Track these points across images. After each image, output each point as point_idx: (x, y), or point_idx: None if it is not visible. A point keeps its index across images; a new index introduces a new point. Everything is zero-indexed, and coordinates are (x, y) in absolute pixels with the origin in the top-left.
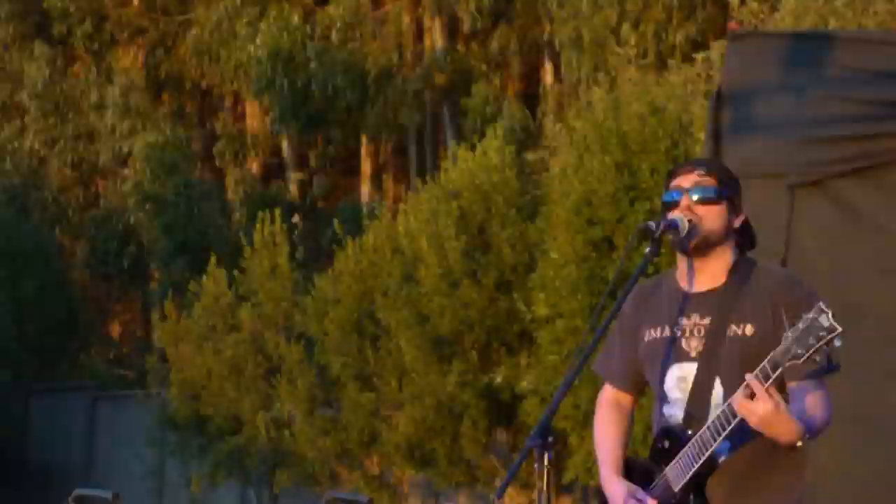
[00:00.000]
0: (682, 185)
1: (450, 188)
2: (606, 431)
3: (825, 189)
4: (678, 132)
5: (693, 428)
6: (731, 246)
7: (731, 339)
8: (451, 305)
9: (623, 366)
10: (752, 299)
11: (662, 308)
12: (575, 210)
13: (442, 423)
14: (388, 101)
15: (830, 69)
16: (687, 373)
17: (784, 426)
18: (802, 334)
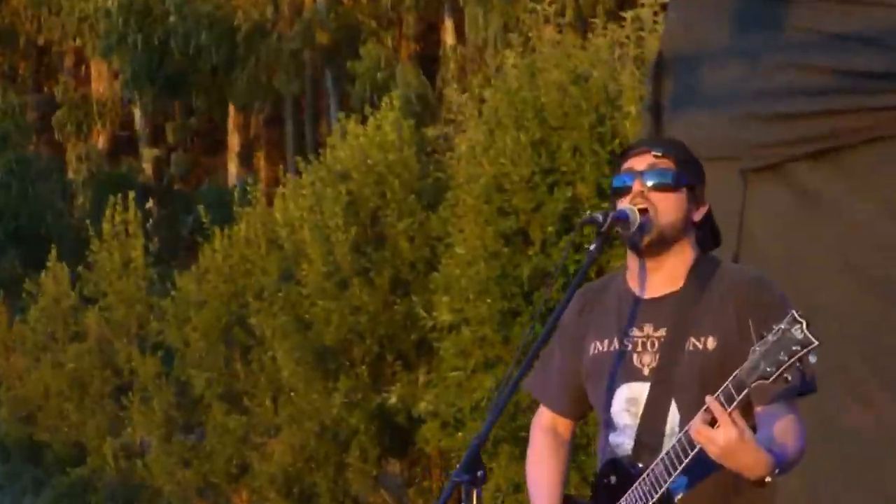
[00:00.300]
0: (635, 167)
1: (337, 169)
2: (541, 465)
3: (782, 174)
4: (604, 105)
5: (644, 460)
6: (690, 242)
7: (689, 354)
8: (338, 310)
9: (562, 385)
10: (714, 307)
11: (610, 316)
12: (484, 197)
13: (325, 451)
14: (260, 63)
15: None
16: (638, 394)
17: (750, 457)
18: (772, 348)
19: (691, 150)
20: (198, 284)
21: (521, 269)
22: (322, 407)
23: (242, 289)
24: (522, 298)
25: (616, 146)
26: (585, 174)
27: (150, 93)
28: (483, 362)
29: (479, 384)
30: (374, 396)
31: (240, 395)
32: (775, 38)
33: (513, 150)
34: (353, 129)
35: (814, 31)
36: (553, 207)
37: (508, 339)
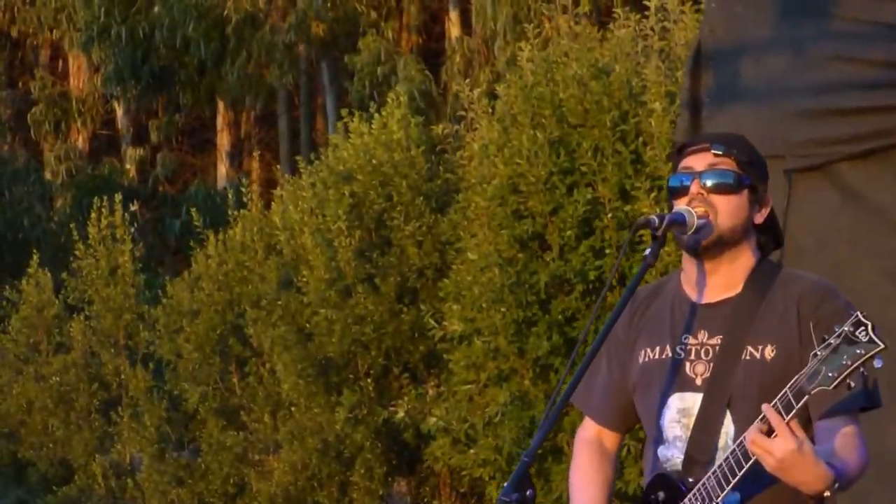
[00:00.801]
0: (693, 166)
1: (340, 169)
2: (585, 481)
3: (829, 174)
4: (627, 101)
5: (695, 475)
6: (750, 246)
7: (746, 364)
8: (341, 320)
9: (608, 396)
10: (774, 314)
11: (663, 322)
12: (498, 199)
13: (328, 469)
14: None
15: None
16: (690, 405)
17: (809, 471)
18: (834, 353)
19: (753, 146)
20: (190, 292)
21: (537, 276)
22: (325, 422)
23: (238, 297)
24: (539, 307)
25: (639, 145)
26: (607, 175)
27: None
28: (496, 375)
29: (492, 398)
30: (380, 411)
31: (236, 410)
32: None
33: (529, 150)
34: (357, 127)
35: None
36: (572, 210)
37: (523, 350)
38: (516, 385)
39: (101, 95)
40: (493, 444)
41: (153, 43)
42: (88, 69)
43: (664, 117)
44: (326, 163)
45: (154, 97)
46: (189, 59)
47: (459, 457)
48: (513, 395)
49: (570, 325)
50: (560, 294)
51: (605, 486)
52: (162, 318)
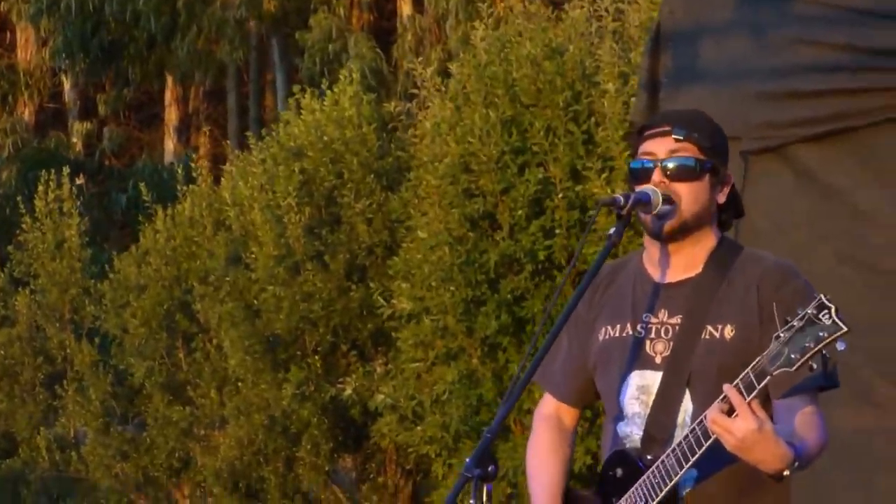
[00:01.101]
0: (655, 153)
1: (291, 146)
2: (543, 457)
3: (785, 156)
4: (580, 81)
5: (654, 452)
6: (712, 226)
7: (705, 343)
8: (290, 296)
9: (568, 372)
10: (734, 294)
11: (624, 300)
12: (449, 177)
13: (274, 445)
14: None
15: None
16: (650, 382)
17: (769, 450)
18: (797, 335)
19: (714, 123)
20: (137, 267)
21: (487, 256)
22: (271, 399)
23: (186, 272)
24: (488, 286)
25: (592, 126)
26: (559, 155)
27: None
28: (444, 353)
29: (439, 377)
30: (327, 388)
31: (183, 386)
32: (784, 12)
33: (481, 129)
34: (309, 103)
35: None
36: (523, 190)
37: (472, 329)
38: (464, 363)
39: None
40: (441, 421)
41: (103, 16)
42: (36, 42)
43: (617, 98)
44: (277, 139)
45: (102, 71)
46: (139, 33)
47: (406, 434)
48: (461, 373)
49: (518, 305)
50: (509, 273)
51: (564, 462)
52: (108, 292)
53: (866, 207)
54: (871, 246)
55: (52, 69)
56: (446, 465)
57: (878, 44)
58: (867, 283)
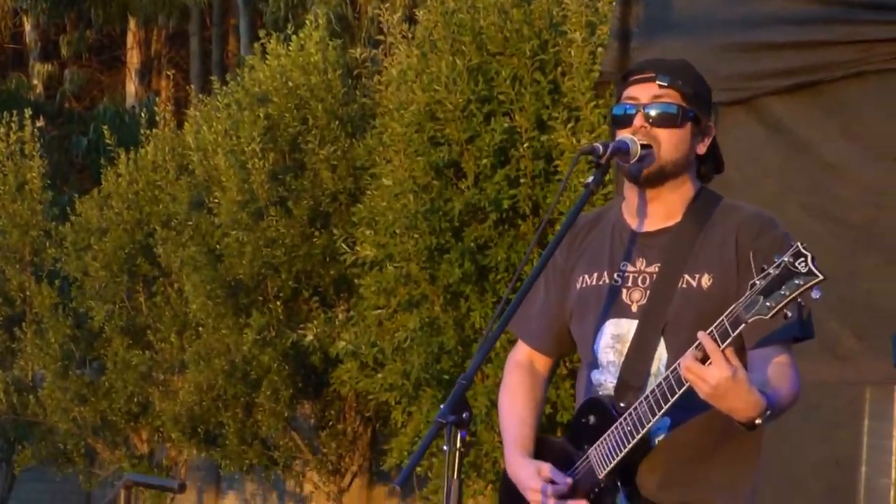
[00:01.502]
0: (638, 97)
1: (256, 91)
2: (515, 402)
3: (756, 108)
4: (547, 30)
5: (627, 400)
6: (691, 176)
7: (682, 292)
8: (253, 242)
9: (543, 320)
10: (712, 243)
11: (602, 249)
12: (415, 125)
13: (234, 390)
14: None
15: None
16: (625, 331)
17: (742, 399)
18: (773, 282)
19: (699, 74)
20: (99, 210)
21: (452, 204)
22: (232, 344)
23: (148, 216)
24: (452, 235)
25: (558, 75)
26: (525, 104)
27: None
28: (407, 301)
29: (401, 324)
30: (288, 334)
31: (143, 330)
32: None
33: (447, 77)
34: (274, 48)
35: None
36: (489, 139)
37: (435, 277)
38: (427, 311)
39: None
40: (402, 369)
41: None
42: None
43: (584, 48)
44: (242, 84)
45: (65, 12)
46: None
47: (367, 381)
48: (423, 321)
49: (482, 254)
50: (473, 222)
51: (535, 407)
52: (70, 235)
53: (835, 160)
54: (838, 199)
55: (14, 10)
56: (406, 412)
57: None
58: (834, 235)
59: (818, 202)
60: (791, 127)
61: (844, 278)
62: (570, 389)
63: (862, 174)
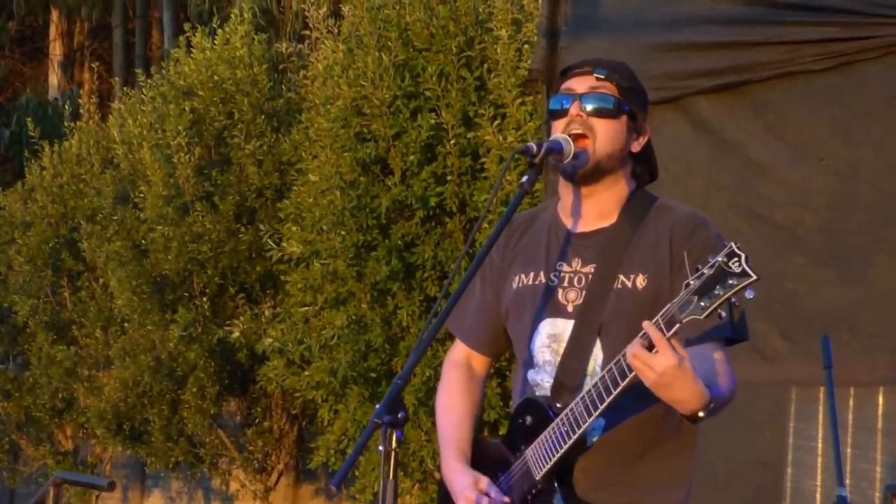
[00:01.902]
0: (575, 88)
1: (181, 84)
2: (453, 402)
3: (683, 108)
4: (473, 27)
5: (563, 400)
6: (625, 174)
7: (617, 292)
8: (178, 237)
9: (480, 320)
10: (646, 244)
11: (538, 248)
12: (341, 121)
13: (159, 387)
14: None
15: None
16: (561, 330)
17: (687, 388)
18: (707, 282)
19: (636, 75)
20: (23, 204)
21: (378, 201)
22: (158, 340)
23: (73, 210)
24: (379, 232)
25: (484, 72)
26: (451, 100)
27: None
28: (334, 298)
29: (328, 321)
30: (214, 330)
31: (67, 325)
32: None
33: (374, 72)
34: (199, 42)
35: None
36: (415, 135)
37: (362, 274)
38: (353, 308)
39: None
40: (328, 366)
41: None
42: None
43: (510, 45)
44: (167, 77)
45: None
46: None
47: (293, 378)
48: (350, 318)
49: (409, 251)
50: (400, 219)
51: (472, 407)
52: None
53: (761, 160)
54: (764, 198)
55: None
56: (333, 410)
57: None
58: (760, 234)
59: (745, 201)
60: (718, 126)
61: (771, 278)
62: (496, 388)
63: (788, 174)
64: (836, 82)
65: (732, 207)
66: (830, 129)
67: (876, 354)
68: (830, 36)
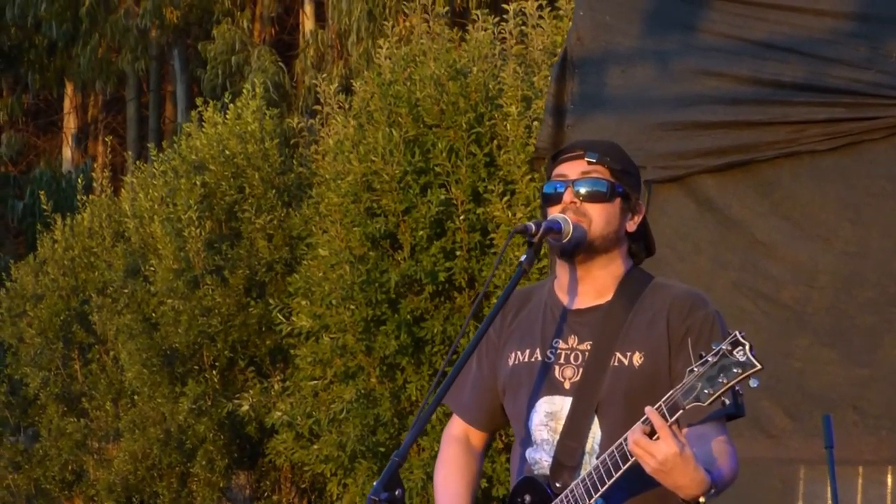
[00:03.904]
0: (567, 174)
1: (192, 158)
2: (450, 478)
3: (689, 187)
4: (483, 103)
5: (562, 479)
6: (622, 253)
7: (614, 370)
8: (188, 310)
9: (478, 396)
10: (643, 321)
11: (534, 325)
12: (351, 195)
13: (169, 460)
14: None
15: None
16: (558, 408)
17: (689, 475)
18: (711, 370)
19: (627, 154)
20: (35, 276)
21: (388, 275)
22: (167, 412)
23: (84, 283)
24: (388, 306)
25: (494, 148)
26: (461, 176)
27: None
28: (343, 372)
29: (337, 395)
30: (223, 403)
31: (78, 397)
32: (689, 43)
33: (384, 147)
34: (211, 116)
35: (731, 37)
36: (425, 210)
37: (371, 348)
38: (362, 382)
39: None
40: (337, 440)
41: (3, 21)
42: None
43: (519, 121)
44: (179, 151)
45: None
46: (40, 39)
47: (302, 452)
48: (359, 392)
49: (418, 325)
50: (409, 294)
51: (470, 482)
52: (5, 301)
53: (765, 239)
54: (769, 277)
55: None
56: (342, 484)
57: (780, 77)
58: (765, 314)
59: (750, 280)
60: (723, 205)
61: (776, 357)
62: (505, 463)
63: (794, 253)
64: (843, 162)
65: (738, 286)
66: (837, 209)
67: (882, 434)
68: (836, 116)
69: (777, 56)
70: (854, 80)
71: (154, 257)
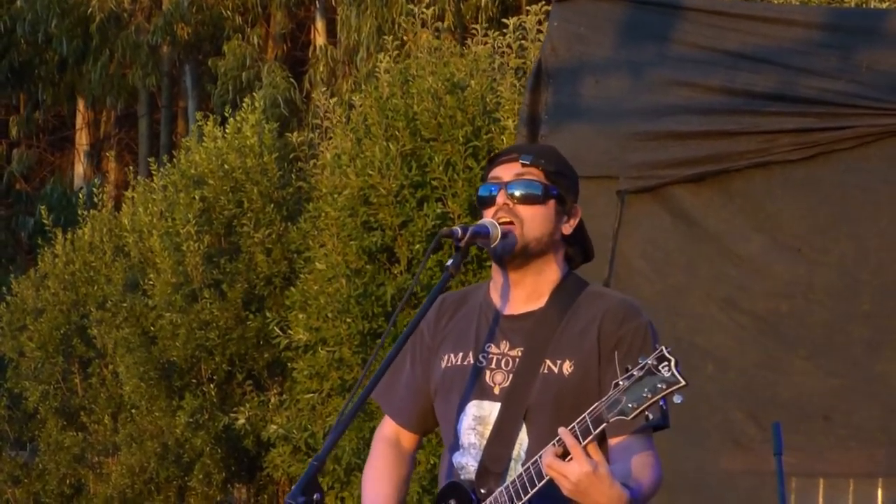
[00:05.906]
0: (501, 176)
1: (192, 173)
2: (379, 479)
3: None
4: (481, 117)
5: (488, 485)
6: (556, 259)
7: (543, 377)
8: (186, 324)
9: (409, 397)
10: (574, 329)
11: (468, 329)
12: (349, 209)
13: (166, 473)
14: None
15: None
16: (487, 413)
17: (605, 493)
18: (636, 385)
19: (564, 158)
20: (35, 291)
21: (384, 289)
22: (165, 426)
23: (84, 297)
24: (385, 319)
25: None
26: (458, 190)
27: None
28: (339, 385)
29: (334, 408)
30: (221, 417)
31: (77, 411)
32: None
33: (381, 161)
34: (211, 130)
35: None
36: (421, 224)
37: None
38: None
39: None
40: (333, 453)
41: (14, 37)
42: None
43: (516, 135)
44: (178, 166)
45: (13, 93)
46: (51, 55)
47: (299, 465)
48: None
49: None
50: (406, 307)
51: (399, 484)
52: (5, 315)
53: (740, 250)
54: (743, 288)
55: None
56: (338, 498)
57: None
58: (739, 325)
59: (724, 291)
60: (696, 216)
61: (749, 368)
62: None
63: (766, 264)
64: (814, 172)
65: (712, 297)
66: (808, 219)
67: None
68: (806, 126)
69: (749, 66)
70: (825, 89)
71: (153, 271)
